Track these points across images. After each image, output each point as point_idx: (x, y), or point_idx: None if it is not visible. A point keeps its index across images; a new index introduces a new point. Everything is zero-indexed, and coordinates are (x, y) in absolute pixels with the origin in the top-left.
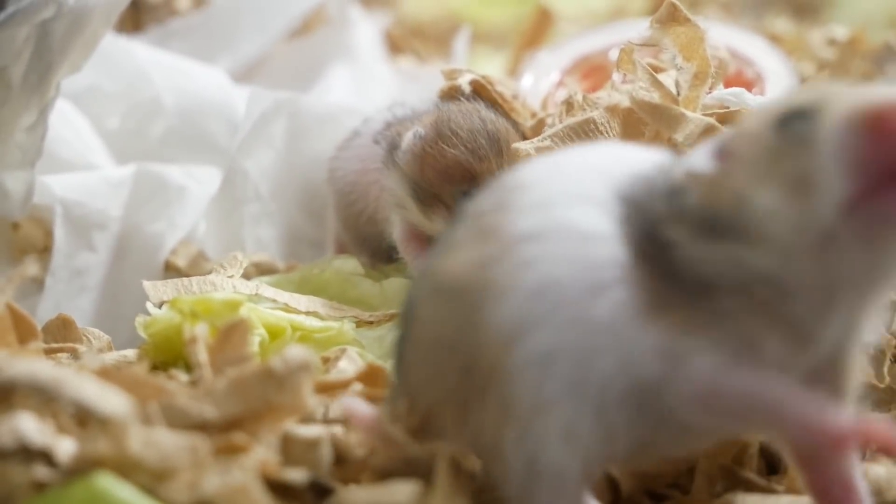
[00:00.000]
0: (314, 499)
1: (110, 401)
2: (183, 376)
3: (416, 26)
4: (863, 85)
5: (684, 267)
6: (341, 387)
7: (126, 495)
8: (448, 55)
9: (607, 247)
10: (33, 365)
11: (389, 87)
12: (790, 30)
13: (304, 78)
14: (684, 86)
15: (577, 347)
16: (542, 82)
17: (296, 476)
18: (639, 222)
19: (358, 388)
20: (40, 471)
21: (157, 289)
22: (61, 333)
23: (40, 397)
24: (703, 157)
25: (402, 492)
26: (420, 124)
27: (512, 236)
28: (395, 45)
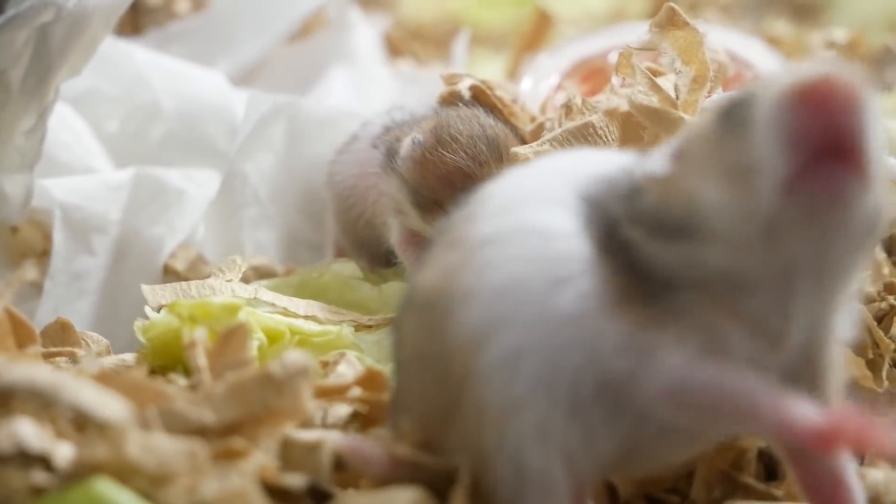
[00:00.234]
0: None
1: (109, 406)
2: (182, 380)
3: (415, 29)
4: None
5: (644, 265)
6: (340, 391)
7: (124, 500)
8: (447, 58)
9: (568, 242)
10: (32, 369)
11: (389, 90)
12: (789, 32)
13: (303, 81)
14: (683, 89)
15: (544, 344)
16: (542, 85)
17: (294, 481)
18: (600, 221)
19: (357, 392)
20: (38, 476)
21: (155, 293)
22: (60, 337)
23: (39, 402)
24: (661, 159)
25: (402, 498)
26: (419, 130)
27: (474, 242)
28: (394, 47)
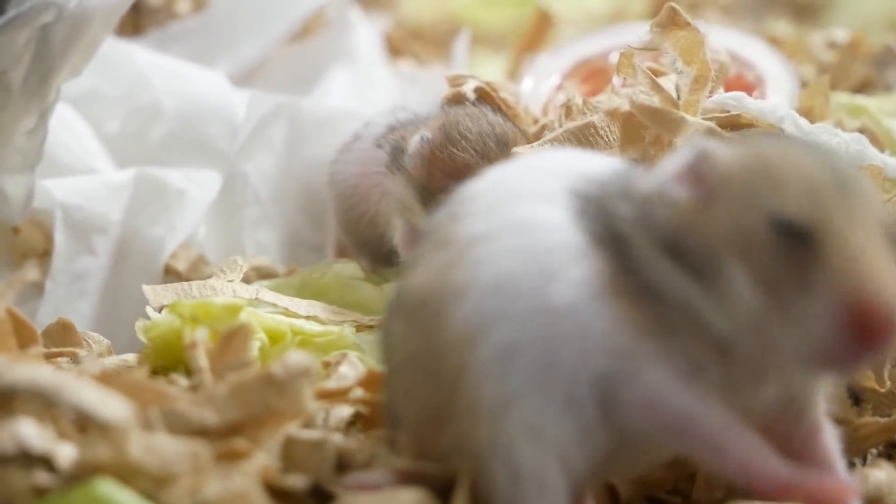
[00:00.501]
0: None
1: (110, 406)
2: (183, 381)
3: (415, 29)
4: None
5: (640, 267)
6: (342, 394)
7: (126, 501)
8: (448, 58)
9: (558, 234)
10: (33, 370)
11: (389, 91)
12: (790, 32)
13: (303, 81)
14: (684, 89)
15: (539, 337)
16: (542, 86)
17: (296, 481)
18: (593, 214)
19: (358, 393)
20: (41, 476)
21: (157, 293)
22: (61, 338)
23: (40, 402)
24: (678, 174)
25: (404, 499)
26: (427, 128)
27: (464, 240)
28: (394, 48)
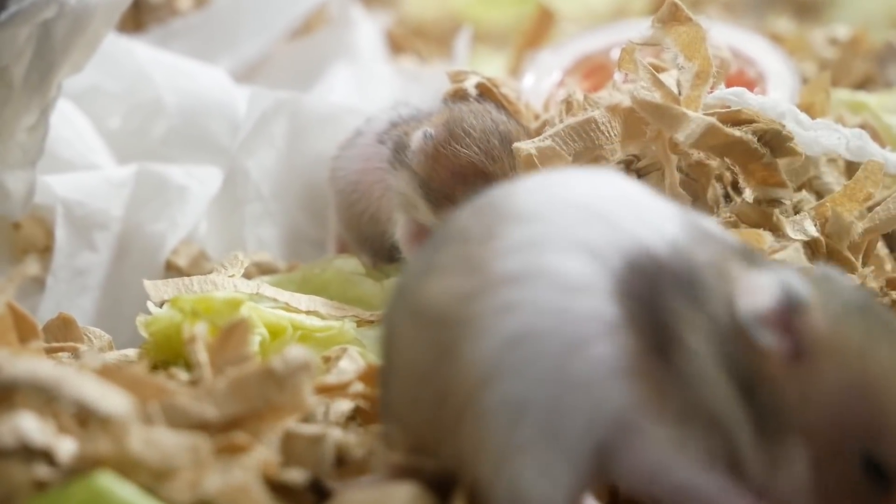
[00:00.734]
0: (314, 499)
1: (111, 400)
2: (184, 375)
3: (417, 26)
4: None
5: (689, 373)
6: (341, 388)
7: (127, 495)
8: (449, 55)
9: (593, 300)
10: (34, 364)
11: (391, 87)
12: (792, 29)
13: (305, 78)
14: (686, 85)
15: (551, 403)
16: (544, 82)
17: (296, 476)
18: (642, 295)
19: (358, 387)
20: (41, 470)
21: (157, 288)
22: (62, 333)
23: (41, 397)
24: (767, 317)
25: (400, 494)
26: (430, 124)
27: (496, 275)
28: (396, 44)
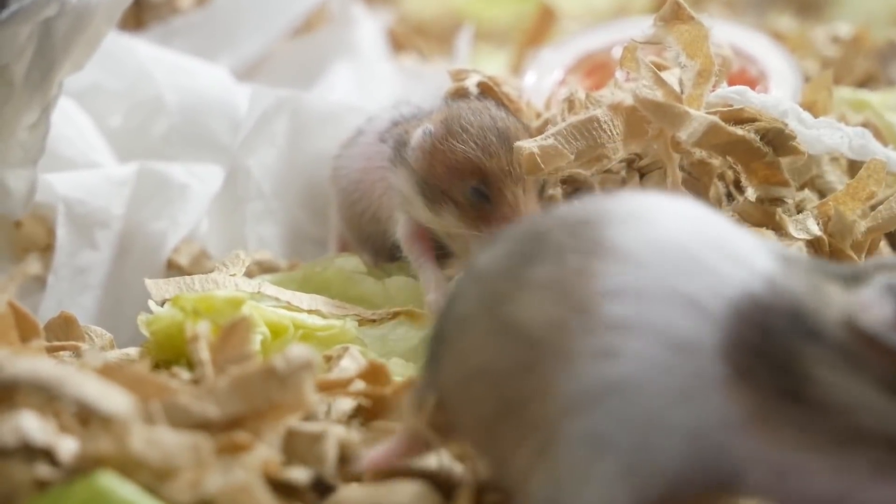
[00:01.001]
0: (316, 497)
1: (112, 399)
2: (185, 374)
3: (418, 24)
4: None
5: (819, 395)
6: (343, 385)
7: (128, 494)
8: (450, 53)
9: (701, 359)
10: (35, 363)
11: (392, 85)
12: (794, 27)
13: (306, 76)
14: (688, 84)
15: (640, 444)
16: (545, 80)
17: (298, 474)
18: (753, 343)
19: (359, 385)
20: (42, 469)
21: (159, 287)
22: (63, 331)
23: (42, 396)
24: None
25: (404, 491)
26: (429, 121)
27: (601, 317)
28: (397, 42)
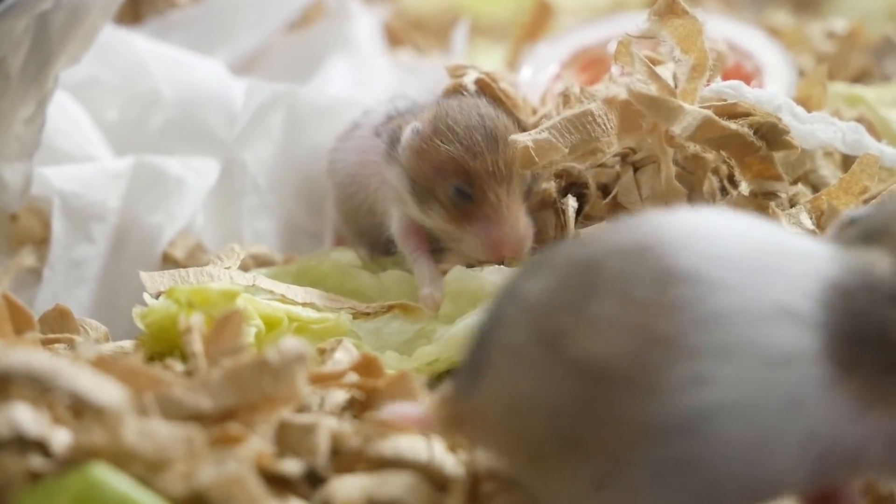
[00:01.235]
0: (309, 489)
1: (106, 391)
2: (178, 366)
3: (415, 19)
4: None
5: None
6: (336, 377)
7: (121, 486)
8: (447, 48)
9: (803, 367)
10: (29, 355)
11: (388, 80)
12: (789, 23)
13: (302, 70)
14: (682, 78)
15: (753, 461)
16: (541, 75)
17: (291, 466)
18: (855, 331)
19: (352, 378)
20: (36, 461)
21: (154, 279)
22: (58, 324)
23: (36, 387)
24: None
25: (395, 483)
26: (420, 119)
27: (686, 348)
28: (394, 37)
